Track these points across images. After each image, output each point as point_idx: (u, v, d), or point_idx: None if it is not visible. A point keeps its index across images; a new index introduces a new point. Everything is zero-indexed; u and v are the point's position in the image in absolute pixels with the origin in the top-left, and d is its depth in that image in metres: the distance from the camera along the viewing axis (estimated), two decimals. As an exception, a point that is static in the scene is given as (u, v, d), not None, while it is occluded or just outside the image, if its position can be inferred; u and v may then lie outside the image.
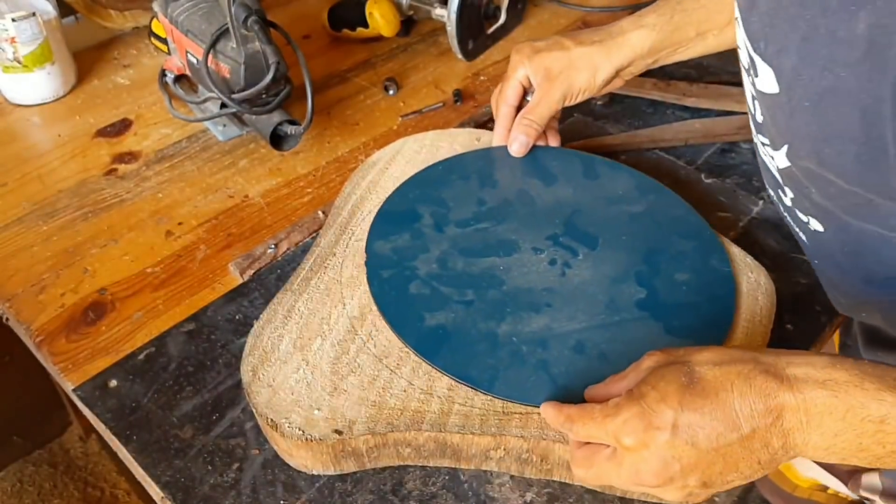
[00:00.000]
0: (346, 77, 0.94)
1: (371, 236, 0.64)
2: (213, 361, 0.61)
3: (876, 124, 0.41)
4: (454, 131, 0.78)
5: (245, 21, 0.69)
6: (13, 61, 0.83)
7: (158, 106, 0.88)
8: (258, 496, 0.53)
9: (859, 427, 0.41)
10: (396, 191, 0.69)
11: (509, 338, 0.57)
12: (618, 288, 0.60)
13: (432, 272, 0.61)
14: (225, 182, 0.78)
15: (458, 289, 0.60)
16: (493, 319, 0.58)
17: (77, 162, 0.80)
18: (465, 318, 0.58)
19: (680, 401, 0.43)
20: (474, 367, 0.55)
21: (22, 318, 0.65)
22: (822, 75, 0.42)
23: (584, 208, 0.67)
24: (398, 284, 0.60)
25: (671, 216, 0.67)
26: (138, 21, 0.95)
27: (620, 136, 0.84)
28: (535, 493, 0.54)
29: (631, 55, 0.69)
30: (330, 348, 0.57)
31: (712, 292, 0.61)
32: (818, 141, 0.45)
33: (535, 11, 1.07)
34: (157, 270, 0.69)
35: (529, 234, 0.65)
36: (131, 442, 0.56)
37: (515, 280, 0.61)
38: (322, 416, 0.52)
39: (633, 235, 0.65)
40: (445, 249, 0.63)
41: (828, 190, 0.48)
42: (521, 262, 0.62)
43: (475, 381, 0.54)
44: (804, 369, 0.42)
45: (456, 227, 0.65)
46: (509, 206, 0.67)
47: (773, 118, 0.49)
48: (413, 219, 0.66)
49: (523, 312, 0.58)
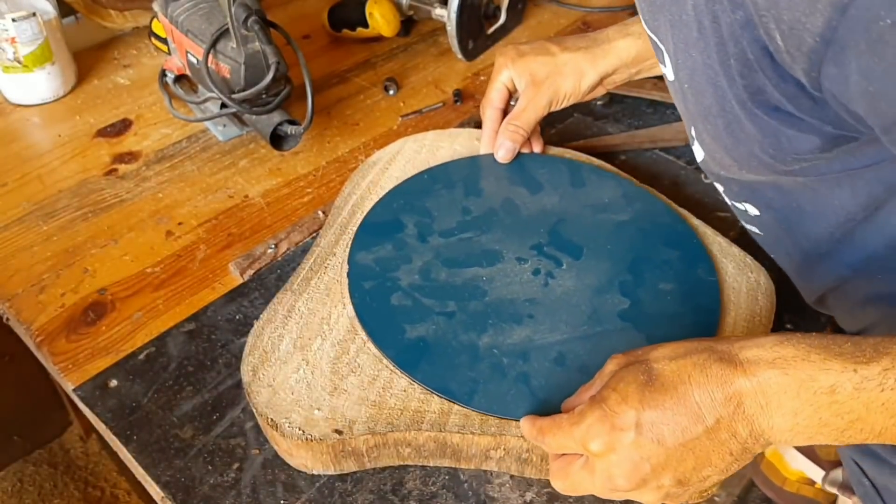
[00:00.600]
0: (346, 77, 0.94)
1: (353, 248, 0.64)
2: (213, 361, 0.61)
3: (725, 96, 0.43)
4: (454, 131, 0.78)
5: (245, 21, 0.69)
6: (13, 61, 0.83)
7: (158, 106, 0.88)
8: (258, 496, 0.53)
9: (814, 401, 0.40)
10: (380, 201, 0.68)
11: (490, 350, 0.56)
12: (601, 298, 0.60)
13: (415, 283, 0.61)
14: (225, 182, 0.78)
15: (440, 300, 0.59)
16: (475, 331, 0.57)
17: (77, 162, 0.80)
18: (447, 330, 0.57)
19: (640, 399, 0.43)
20: (454, 379, 0.54)
21: (22, 318, 0.65)
22: (686, 57, 0.45)
23: (569, 217, 0.67)
24: (380, 296, 0.60)
25: (658, 224, 0.67)
26: (138, 21, 0.95)
27: (620, 136, 0.84)
28: (535, 493, 0.54)
29: (616, 63, 0.69)
30: (330, 348, 0.57)
31: (697, 302, 0.60)
32: (700, 120, 0.48)
33: (535, 11, 1.07)
34: (157, 270, 0.69)
35: (513, 244, 0.64)
36: (131, 442, 0.56)
37: (498, 291, 0.60)
38: (322, 416, 0.52)
39: (618, 244, 0.64)
40: (429, 260, 0.63)
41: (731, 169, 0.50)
42: (505, 272, 0.62)
43: (454, 394, 0.53)
44: (754, 351, 0.42)
45: (440, 237, 0.65)
46: (494, 216, 0.67)
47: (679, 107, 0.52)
48: (396, 229, 0.65)
49: (505, 324, 0.58)
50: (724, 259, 0.64)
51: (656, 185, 0.73)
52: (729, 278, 0.63)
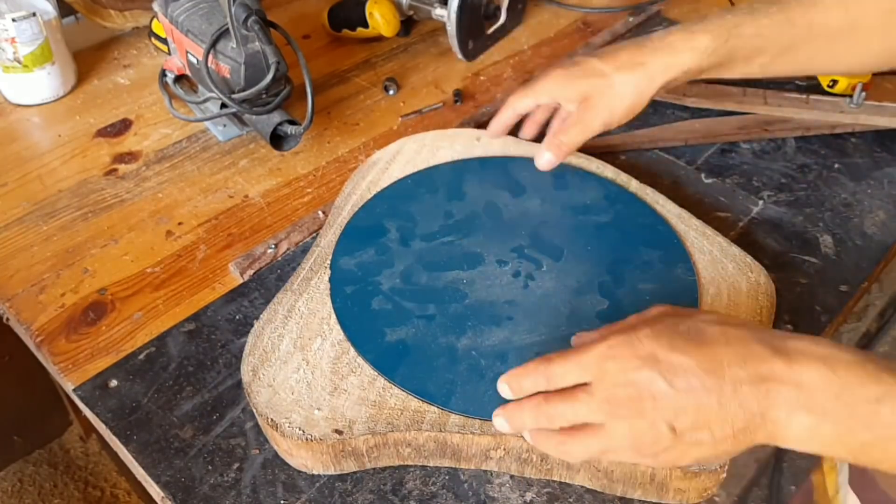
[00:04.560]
0: (346, 77, 0.94)
1: (336, 253, 0.64)
2: (213, 361, 0.61)
3: None
4: (454, 131, 0.78)
5: (245, 21, 0.69)
6: (13, 61, 0.83)
7: (158, 106, 0.88)
8: (258, 496, 0.53)
9: (852, 405, 0.39)
10: (363, 206, 0.69)
11: (469, 352, 0.56)
12: (580, 299, 0.60)
13: (396, 287, 0.61)
14: (225, 182, 0.78)
15: (420, 303, 0.60)
16: (454, 333, 0.57)
17: (77, 162, 0.80)
18: (426, 333, 0.58)
19: (671, 342, 0.42)
20: (432, 382, 0.54)
21: (22, 318, 0.65)
22: None
23: (550, 219, 0.67)
24: (360, 300, 0.60)
25: (639, 225, 0.67)
26: (138, 21, 0.95)
27: (620, 136, 0.84)
28: (535, 493, 0.54)
29: (676, 74, 0.64)
30: (330, 348, 0.57)
31: (676, 302, 0.59)
32: None
33: (535, 11, 1.07)
34: (157, 270, 0.69)
35: (494, 247, 0.64)
36: (131, 442, 0.56)
37: (478, 293, 0.61)
38: (322, 416, 0.52)
39: (598, 245, 0.65)
40: (410, 264, 0.63)
41: None
42: (485, 274, 0.62)
43: (431, 396, 0.53)
44: (806, 344, 0.42)
45: (421, 240, 0.65)
46: (476, 219, 0.67)
47: None
48: (379, 234, 0.66)
49: (484, 326, 0.58)
50: (724, 259, 0.64)
51: (656, 185, 0.73)
52: (729, 278, 0.63)
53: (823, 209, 0.76)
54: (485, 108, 0.87)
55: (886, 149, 0.82)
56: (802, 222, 0.74)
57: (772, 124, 0.84)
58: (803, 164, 0.81)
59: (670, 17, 1.05)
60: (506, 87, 0.92)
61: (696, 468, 0.50)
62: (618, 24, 1.03)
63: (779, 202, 0.76)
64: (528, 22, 1.05)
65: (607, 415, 0.44)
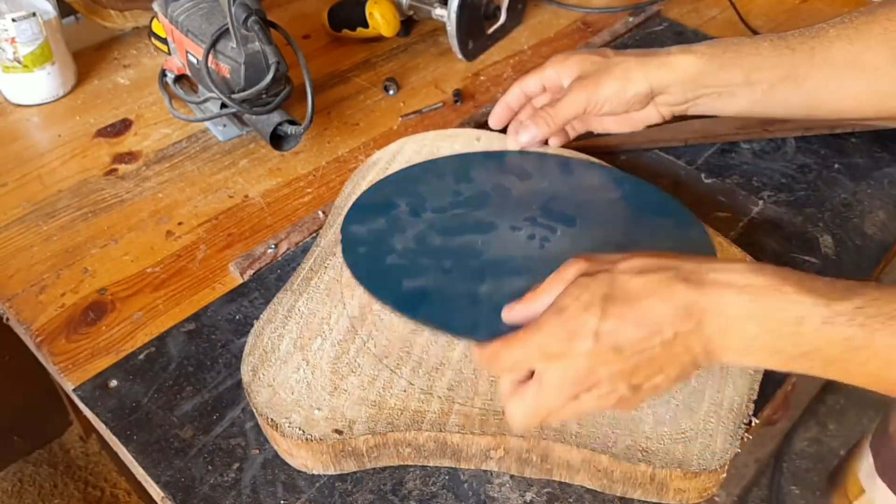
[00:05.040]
0: (346, 77, 0.94)
1: (346, 223, 0.64)
2: (213, 361, 0.61)
3: None
4: (454, 131, 0.78)
5: (245, 21, 0.69)
6: (13, 61, 0.83)
7: (158, 106, 0.88)
8: (258, 496, 0.53)
9: (777, 330, 0.42)
10: (370, 188, 0.69)
11: (489, 297, 0.57)
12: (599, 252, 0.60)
13: (409, 248, 0.61)
14: (225, 182, 0.78)
15: (436, 260, 0.60)
16: (474, 281, 0.58)
17: (77, 162, 0.81)
18: (445, 282, 0.58)
19: (602, 309, 0.44)
20: (455, 319, 0.55)
21: (22, 318, 0.65)
22: None
23: (560, 196, 0.67)
24: (375, 258, 0.60)
25: (649, 200, 0.67)
26: (138, 21, 0.95)
27: (620, 136, 0.84)
28: (535, 493, 0.54)
29: (671, 77, 0.65)
30: (330, 348, 0.57)
31: None
32: None
33: (535, 11, 1.07)
34: (157, 270, 0.69)
35: (506, 217, 0.65)
36: (131, 442, 0.56)
37: (494, 251, 0.61)
38: (322, 416, 0.52)
39: (610, 215, 0.65)
40: (422, 230, 0.63)
41: None
42: (500, 237, 0.62)
43: (456, 329, 0.54)
44: (725, 275, 0.44)
45: (432, 213, 0.65)
46: (486, 197, 0.67)
47: None
48: (389, 208, 0.66)
49: (503, 276, 0.59)
50: (724, 259, 0.65)
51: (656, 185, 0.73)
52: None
53: (823, 209, 0.76)
54: (485, 108, 0.88)
55: (886, 149, 0.82)
56: (802, 222, 0.74)
57: (772, 124, 0.84)
58: (803, 164, 0.81)
59: (670, 17, 1.05)
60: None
61: (696, 468, 0.50)
62: (618, 24, 1.03)
63: (779, 202, 0.76)
64: (528, 22, 1.05)
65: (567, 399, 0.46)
